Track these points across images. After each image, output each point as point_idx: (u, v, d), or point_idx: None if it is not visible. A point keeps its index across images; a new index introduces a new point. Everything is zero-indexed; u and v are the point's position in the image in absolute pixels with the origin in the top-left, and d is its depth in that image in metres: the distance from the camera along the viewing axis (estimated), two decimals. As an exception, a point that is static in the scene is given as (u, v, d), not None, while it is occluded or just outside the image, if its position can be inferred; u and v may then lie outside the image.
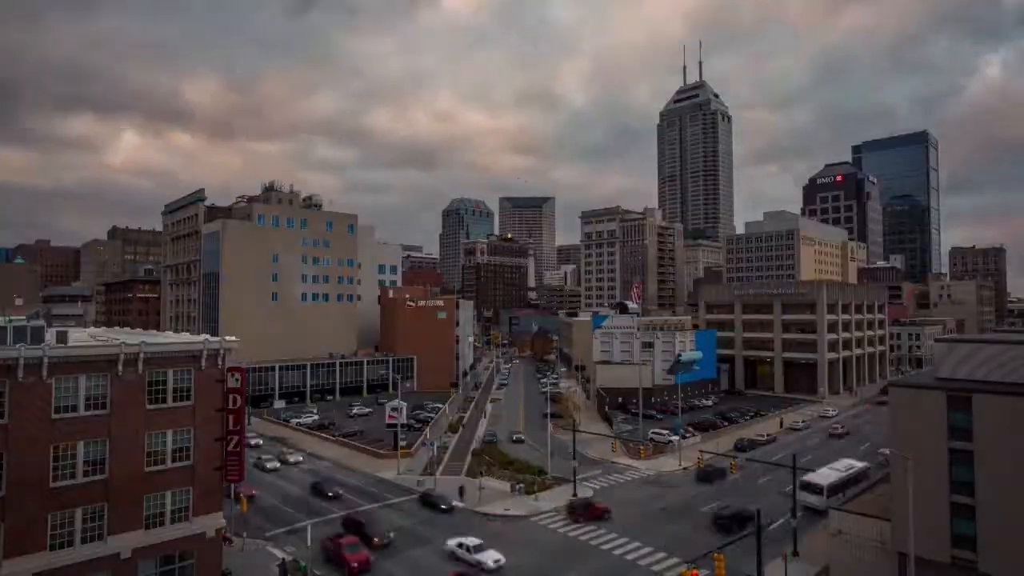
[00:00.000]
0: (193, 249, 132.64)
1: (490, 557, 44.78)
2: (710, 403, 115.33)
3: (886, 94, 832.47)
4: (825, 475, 58.56)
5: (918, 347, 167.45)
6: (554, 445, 79.68)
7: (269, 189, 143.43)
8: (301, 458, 76.45)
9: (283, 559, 45.27)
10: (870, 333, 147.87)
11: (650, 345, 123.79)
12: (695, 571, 40.14)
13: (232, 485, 48.41)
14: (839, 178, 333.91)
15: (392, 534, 50.36)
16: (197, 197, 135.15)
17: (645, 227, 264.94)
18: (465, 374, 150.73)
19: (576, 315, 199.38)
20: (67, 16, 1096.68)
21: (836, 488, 55.91)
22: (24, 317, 51.02)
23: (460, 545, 46.40)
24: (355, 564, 43.62)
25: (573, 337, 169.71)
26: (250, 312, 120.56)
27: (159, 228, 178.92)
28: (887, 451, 58.13)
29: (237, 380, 40.67)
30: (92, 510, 34.62)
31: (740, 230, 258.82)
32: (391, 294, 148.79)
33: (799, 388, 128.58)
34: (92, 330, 57.18)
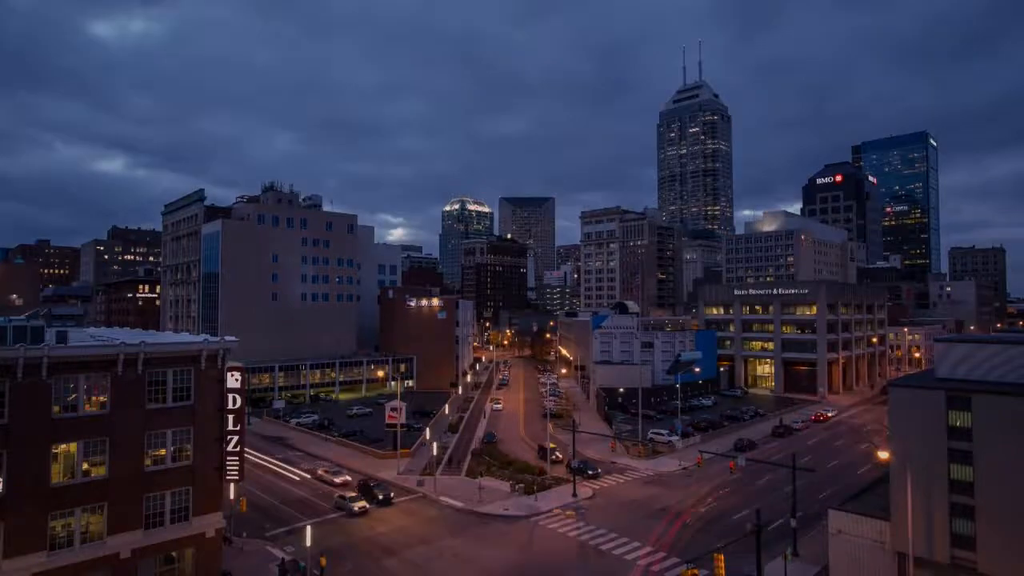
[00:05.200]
0: (193, 249, 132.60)
1: None
2: (710, 403, 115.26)
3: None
4: None
5: (917, 347, 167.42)
6: (552, 445, 79.74)
7: (269, 189, 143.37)
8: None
9: (283, 559, 45.28)
10: (870, 333, 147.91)
11: (650, 345, 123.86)
12: (695, 571, 40.17)
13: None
14: (839, 178, 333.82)
15: None
16: (197, 197, 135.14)
17: (645, 227, 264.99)
18: (465, 374, 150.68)
19: (576, 315, 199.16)
20: None
21: None
22: (24, 317, 51.02)
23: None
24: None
25: (573, 337, 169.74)
26: (250, 312, 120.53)
27: (159, 228, 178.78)
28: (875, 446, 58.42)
29: (237, 380, 40.68)
30: (92, 510, 34.64)
31: (740, 230, 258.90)
32: (391, 294, 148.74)
33: (799, 388, 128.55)
34: (92, 330, 57.18)
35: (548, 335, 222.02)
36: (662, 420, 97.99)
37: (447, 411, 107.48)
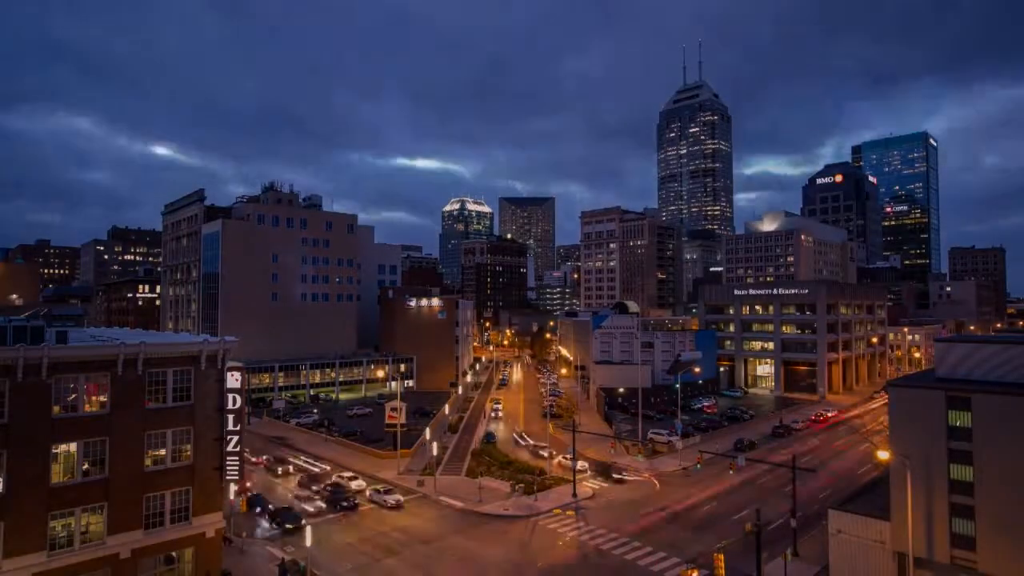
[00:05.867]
0: (193, 249, 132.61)
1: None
2: (710, 403, 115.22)
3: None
4: None
5: (917, 347, 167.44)
6: (553, 445, 79.77)
7: (269, 189, 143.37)
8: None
9: (283, 559, 45.28)
10: (870, 333, 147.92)
11: (650, 345, 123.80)
12: (695, 571, 40.23)
13: None
14: (839, 178, 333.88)
15: None
16: (197, 197, 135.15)
17: (645, 227, 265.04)
18: (465, 374, 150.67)
19: (576, 315, 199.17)
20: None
21: None
22: (24, 317, 50.98)
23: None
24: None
25: (573, 337, 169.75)
26: (250, 312, 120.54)
27: (159, 228, 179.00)
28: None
29: (237, 380, 40.67)
30: (92, 510, 34.63)
31: (740, 230, 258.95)
32: (391, 294, 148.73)
33: (799, 388, 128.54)
34: (92, 330, 57.17)
35: (548, 335, 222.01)
36: (662, 420, 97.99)
37: (447, 411, 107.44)
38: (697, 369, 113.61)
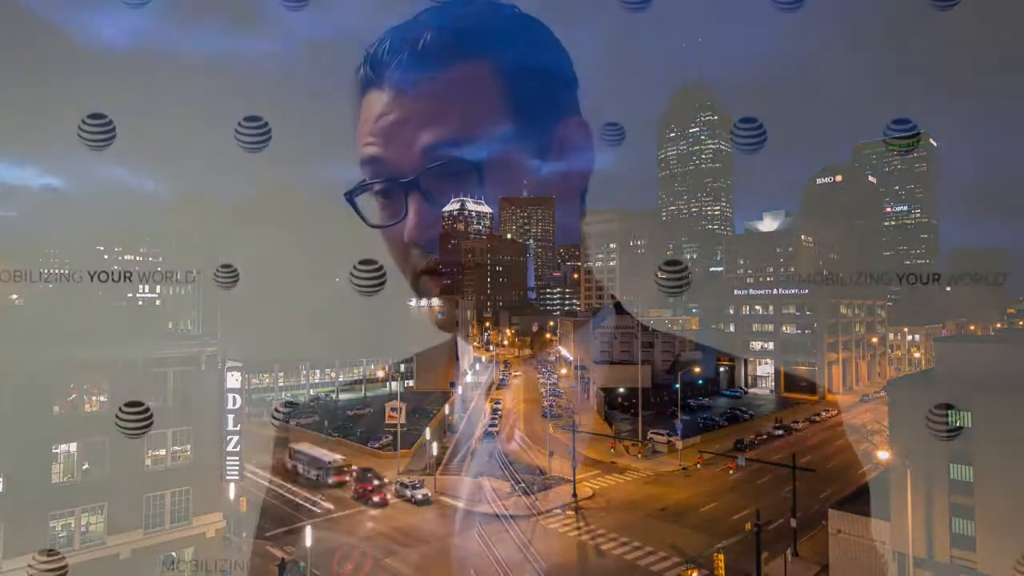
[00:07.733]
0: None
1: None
2: (710, 403, 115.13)
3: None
4: None
5: (917, 347, 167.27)
6: (553, 445, 79.71)
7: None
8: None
9: (283, 559, 45.26)
10: (870, 333, 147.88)
11: (650, 345, 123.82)
12: (695, 571, 40.26)
13: None
14: (839, 178, 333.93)
15: None
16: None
17: (645, 227, 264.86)
18: (465, 374, 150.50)
19: (575, 315, 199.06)
20: None
21: None
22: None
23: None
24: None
25: (573, 337, 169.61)
26: (250, 312, 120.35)
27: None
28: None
29: (237, 380, 40.70)
30: (92, 510, 34.62)
31: (740, 230, 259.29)
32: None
33: (799, 388, 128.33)
34: (92, 330, 57.08)
35: (548, 335, 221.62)
36: (662, 420, 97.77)
37: (447, 411, 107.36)
38: (697, 369, 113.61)
